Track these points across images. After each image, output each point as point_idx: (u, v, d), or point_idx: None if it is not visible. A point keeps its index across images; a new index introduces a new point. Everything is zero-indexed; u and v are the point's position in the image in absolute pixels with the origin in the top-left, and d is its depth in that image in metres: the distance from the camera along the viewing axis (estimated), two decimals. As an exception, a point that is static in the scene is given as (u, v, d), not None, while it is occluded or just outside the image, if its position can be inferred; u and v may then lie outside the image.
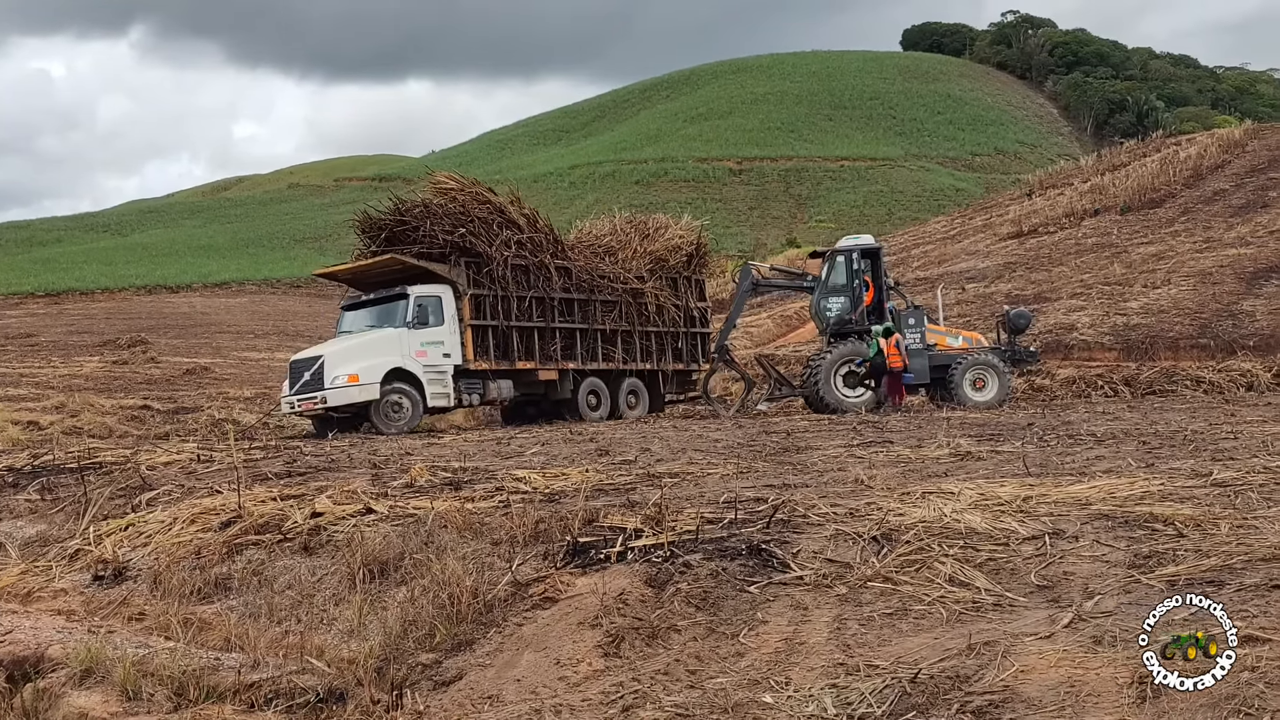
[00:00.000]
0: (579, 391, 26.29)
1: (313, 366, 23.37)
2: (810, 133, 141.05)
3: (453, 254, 24.49)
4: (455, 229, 24.48)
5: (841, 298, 26.81)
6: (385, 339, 23.81)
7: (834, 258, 27.31)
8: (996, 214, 76.38)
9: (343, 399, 22.97)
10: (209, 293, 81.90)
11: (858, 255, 26.89)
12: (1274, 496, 8.75)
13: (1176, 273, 49.14)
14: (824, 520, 8.47)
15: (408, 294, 24.06)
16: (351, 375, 22.90)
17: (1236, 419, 17.31)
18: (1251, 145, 76.70)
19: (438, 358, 24.06)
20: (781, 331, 55.84)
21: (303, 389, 23.33)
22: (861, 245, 27.42)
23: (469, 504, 10.12)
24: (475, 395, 24.62)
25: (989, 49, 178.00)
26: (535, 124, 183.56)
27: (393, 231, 25.18)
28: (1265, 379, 28.92)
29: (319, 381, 23.09)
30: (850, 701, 5.84)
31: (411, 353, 23.72)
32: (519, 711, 6.54)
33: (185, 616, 8.89)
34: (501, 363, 25.00)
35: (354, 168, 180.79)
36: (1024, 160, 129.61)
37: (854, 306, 26.48)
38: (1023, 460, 11.78)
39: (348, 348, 23.73)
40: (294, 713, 7.17)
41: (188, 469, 14.50)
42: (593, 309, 26.77)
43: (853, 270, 26.73)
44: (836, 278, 27.03)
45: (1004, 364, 26.50)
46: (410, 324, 23.81)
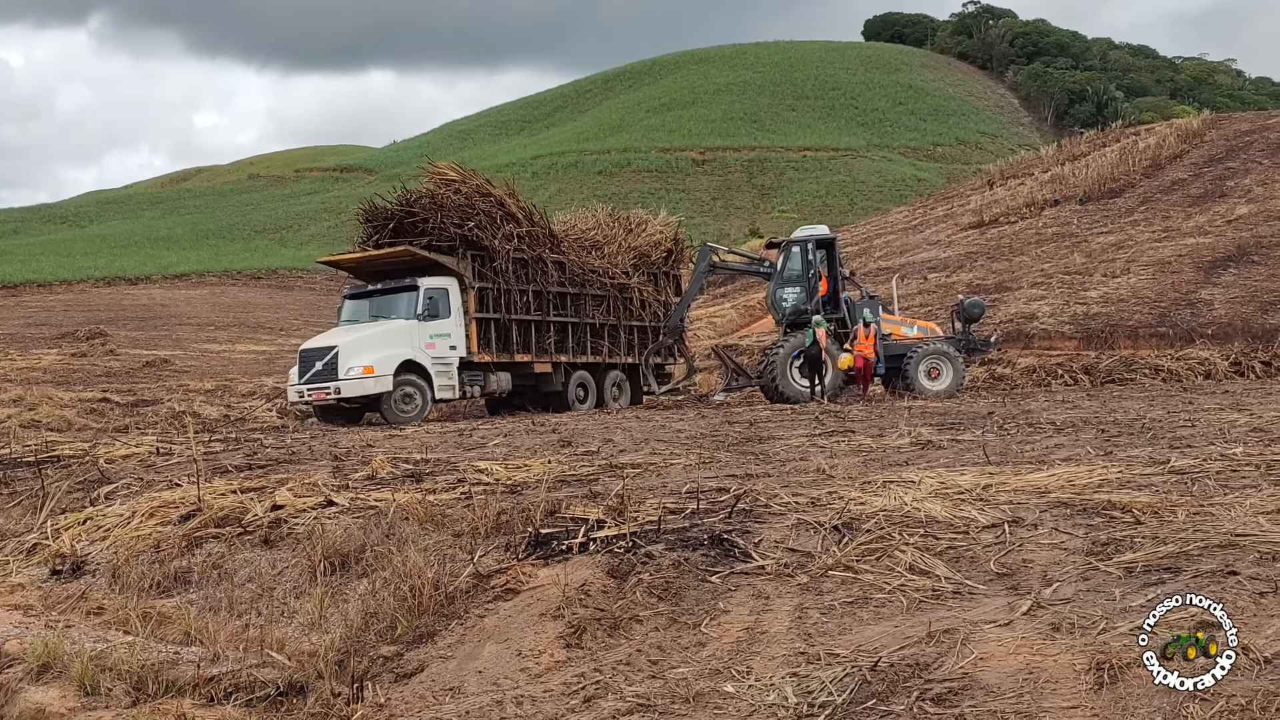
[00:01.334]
0: (569, 384, 26.69)
1: (325, 356, 23.33)
2: (773, 123, 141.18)
3: (460, 247, 24.68)
4: (464, 222, 24.70)
5: (797, 288, 26.88)
6: (397, 330, 23.86)
7: (789, 248, 27.36)
8: (958, 204, 76.68)
9: (358, 390, 23.05)
10: (168, 284, 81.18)
11: (813, 245, 26.95)
12: (1230, 484, 8.84)
13: (1136, 262, 49.49)
14: (786, 510, 8.50)
15: (418, 286, 24.16)
16: (367, 367, 22.97)
17: (1194, 407, 17.47)
18: (1210, 135, 77.28)
19: (445, 350, 24.26)
20: (745, 321, 55.89)
21: (314, 378, 23.29)
22: (817, 235, 27.50)
23: (431, 496, 10.10)
24: (477, 387, 24.88)
25: (950, 39, 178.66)
26: (498, 114, 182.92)
27: (400, 223, 25.29)
28: (1223, 367, 29.21)
29: (332, 371, 23.09)
30: (811, 690, 5.86)
31: (421, 345, 23.89)
32: (480, 703, 6.53)
33: (144, 610, 8.83)
34: (502, 355, 25.29)
35: (315, 158, 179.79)
36: (985, 150, 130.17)
37: (809, 297, 26.55)
38: (983, 449, 11.85)
39: (362, 338, 23.67)
40: (254, 706, 7.13)
41: (147, 462, 14.39)
42: (584, 303, 27.27)
43: (808, 260, 26.79)
44: (792, 268, 27.10)
45: (958, 353, 26.67)
46: (421, 316, 23.94)
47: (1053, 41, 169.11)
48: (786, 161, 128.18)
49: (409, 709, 6.72)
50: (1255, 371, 28.95)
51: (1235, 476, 9.16)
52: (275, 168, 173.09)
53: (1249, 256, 48.96)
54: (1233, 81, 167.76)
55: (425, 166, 27.00)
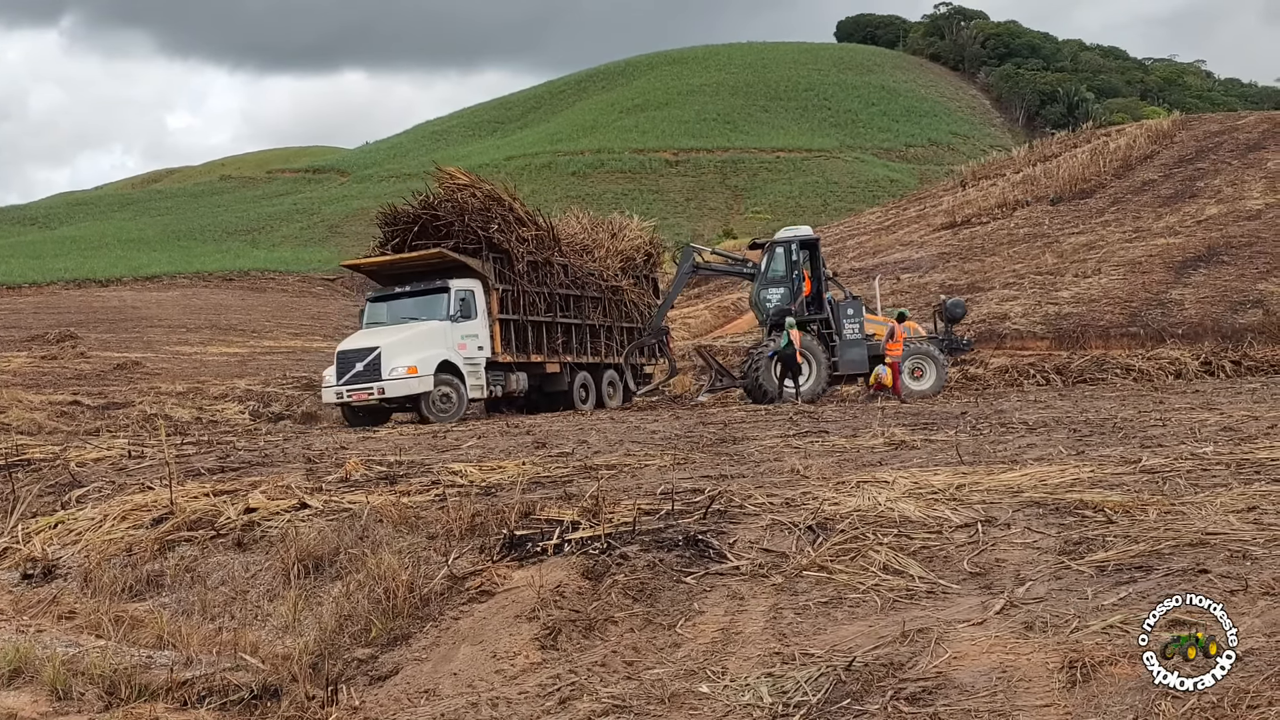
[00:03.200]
0: (574, 383, 27.19)
1: (367, 357, 23.47)
2: (746, 124, 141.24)
3: (484, 249, 25.07)
4: (488, 224, 25.19)
5: (781, 288, 26.90)
6: (434, 331, 24.15)
7: (773, 249, 27.38)
8: (930, 205, 76.94)
9: (402, 390, 23.28)
10: (139, 286, 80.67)
11: (796, 246, 27.00)
12: (1201, 483, 8.90)
13: (1107, 262, 49.78)
14: (760, 510, 8.51)
15: (449, 287, 24.46)
16: (411, 367, 23.23)
17: (1165, 406, 17.58)
18: (1180, 136, 77.76)
19: (474, 350, 24.66)
20: (720, 322, 55.95)
21: (355, 379, 23.44)
22: (800, 236, 27.54)
23: (404, 498, 10.07)
24: (499, 387, 25.29)
25: (922, 41, 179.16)
26: (471, 115, 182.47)
27: (424, 226, 25.61)
28: (1193, 367, 29.40)
29: (375, 372, 23.27)
30: (786, 690, 5.87)
31: (454, 345, 24.24)
32: (456, 705, 6.52)
33: (116, 614, 8.78)
34: (520, 355, 25.74)
35: (287, 159, 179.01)
36: (957, 151, 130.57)
37: (793, 297, 26.59)
38: (956, 449, 11.90)
39: (404, 339, 23.87)
40: (228, 710, 7.10)
41: (118, 465, 14.31)
42: (584, 304, 27.93)
43: (791, 261, 26.84)
44: (776, 268, 27.12)
45: (940, 353, 26.75)
46: (454, 317, 24.29)
47: (1024, 43, 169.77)
48: (760, 162, 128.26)
49: (384, 711, 6.71)
50: (1225, 371, 29.14)
51: (1206, 475, 9.23)
52: (247, 169, 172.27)
53: (1219, 257, 49.30)
54: (1202, 83, 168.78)
55: (435, 171, 27.40)
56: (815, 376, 25.73)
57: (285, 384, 34.25)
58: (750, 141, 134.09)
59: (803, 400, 24.62)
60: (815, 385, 25.67)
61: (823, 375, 25.86)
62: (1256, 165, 66.73)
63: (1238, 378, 27.97)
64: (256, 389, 32.35)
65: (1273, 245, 50.40)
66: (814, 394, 25.47)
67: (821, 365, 25.85)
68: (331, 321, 65.48)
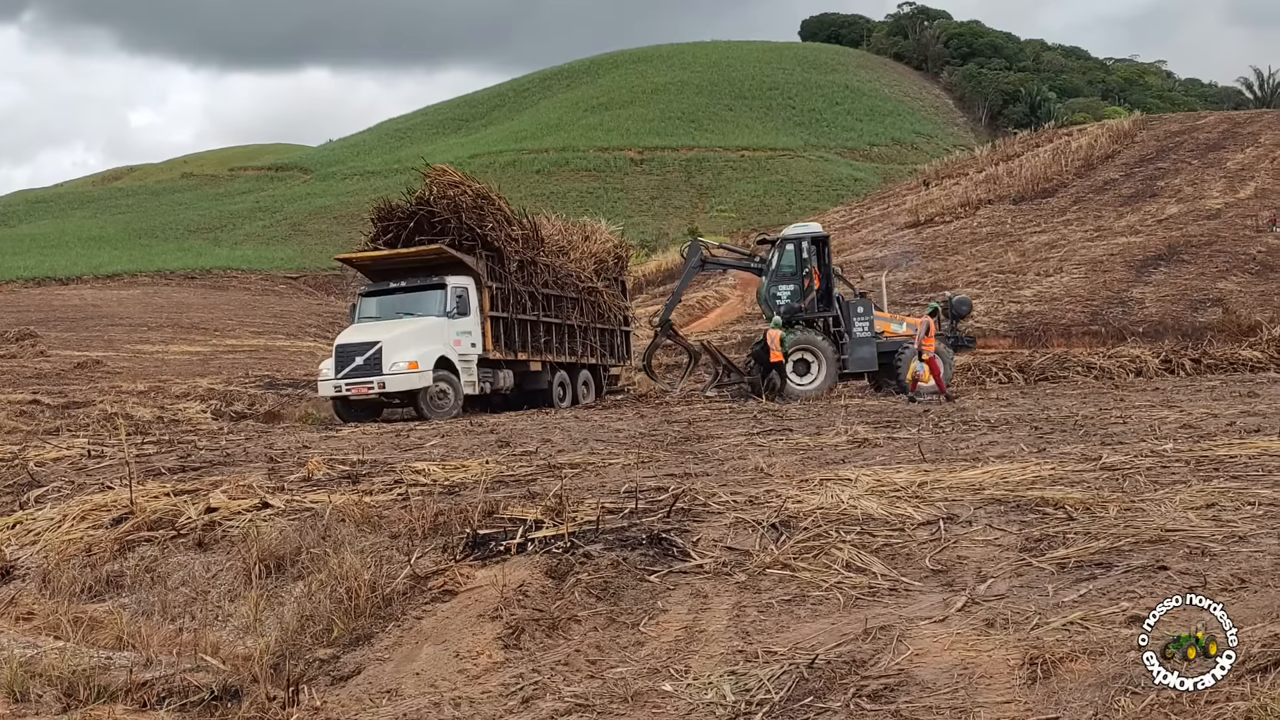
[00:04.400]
0: (554, 382, 27.44)
1: (367, 352, 23.53)
2: (711, 123, 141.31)
3: (477, 246, 25.23)
4: (482, 222, 25.39)
5: (791, 285, 26.80)
6: (432, 327, 24.25)
7: (783, 245, 27.24)
8: (894, 204, 77.31)
9: (403, 385, 23.43)
10: (100, 284, 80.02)
11: (807, 243, 26.97)
12: (1161, 480, 8.97)
13: (1068, 261, 50.17)
14: (724, 508, 8.52)
15: (446, 284, 24.57)
16: (412, 362, 23.37)
17: (1125, 404, 17.73)
18: (1140, 136, 78.43)
19: (467, 347, 24.82)
20: (684, 321, 55.96)
21: (354, 373, 23.52)
22: (810, 233, 27.51)
23: (367, 497, 10.03)
24: (488, 384, 25.46)
25: (886, 40, 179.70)
26: (435, 113, 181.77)
27: (420, 222, 25.70)
28: (1153, 365, 29.60)
29: (376, 366, 23.37)
30: (749, 688, 5.88)
31: (450, 341, 24.39)
32: (418, 705, 6.49)
33: (75, 615, 8.69)
34: (508, 353, 25.94)
35: (249, 157, 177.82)
36: (920, 150, 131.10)
37: (804, 294, 26.54)
38: (918, 446, 11.95)
39: (403, 334, 23.98)
40: (187, 711, 7.04)
41: (78, 465, 14.20)
42: (565, 304, 28.15)
43: (802, 258, 26.79)
44: (785, 265, 27.02)
45: (947, 349, 26.73)
46: (450, 314, 24.43)
47: (987, 43, 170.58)
48: (724, 161, 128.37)
49: (345, 712, 6.67)
50: (1185, 369, 29.36)
51: (1165, 473, 9.31)
52: (209, 166, 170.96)
53: (1179, 255, 49.77)
54: (1163, 83, 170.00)
55: (425, 169, 27.42)
56: (825, 374, 25.73)
57: (248, 383, 34.08)
58: (715, 140, 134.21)
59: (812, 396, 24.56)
60: (825, 382, 25.69)
61: (832, 373, 25.86)
62: (1216, 165, 67.42)
63: (1197, 376, 28.19)
64: (219, 388, 32.15)
65: (1232, 244, 50.95)
66: (823, 391, 25.46)
67: (831, 363, 25.84)
68: (294, 320, 65.18)
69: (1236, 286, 45.12)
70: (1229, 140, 73.51)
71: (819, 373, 25.69)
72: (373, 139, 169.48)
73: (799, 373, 25.84)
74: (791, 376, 25.74)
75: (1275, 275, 46.55)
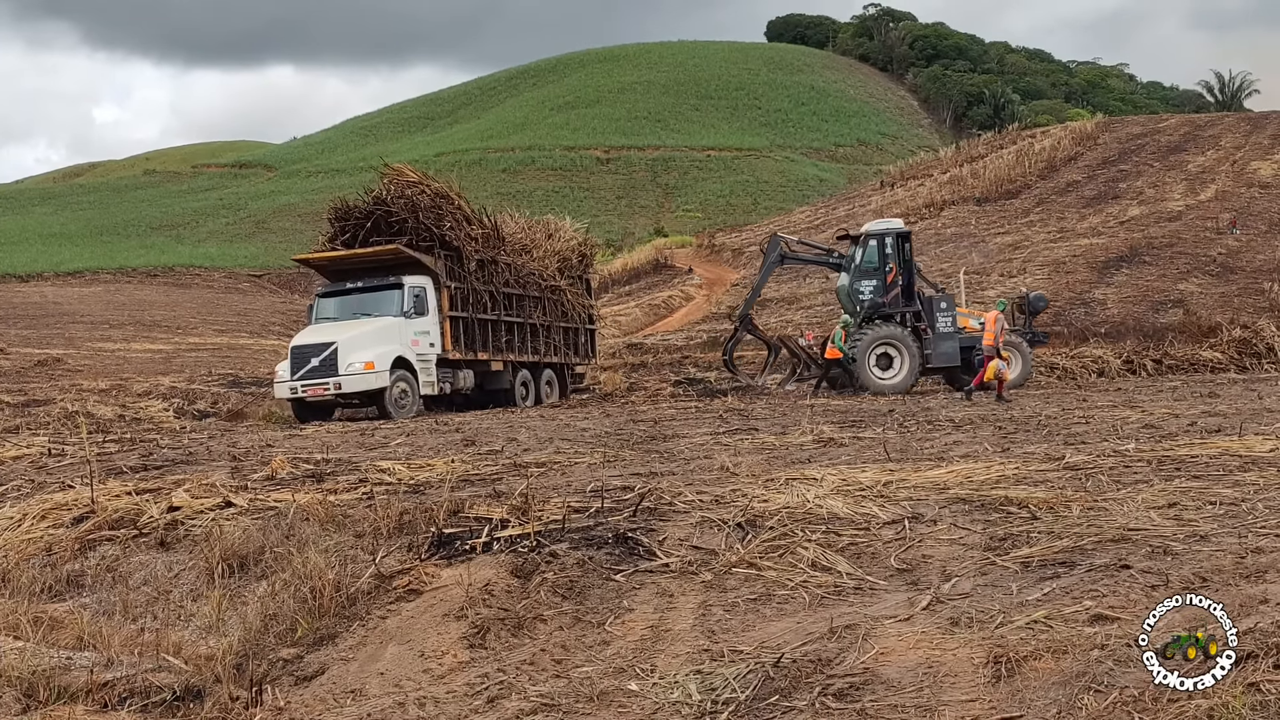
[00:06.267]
0: (516, 381, 27.40)
1: (323, 353, 23.42)
2: (677, 122, 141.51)
3: (435, 246, 25.11)
4: (440, 221, 25.25)
5: (874, 280, 26.74)
6: (388, 327, 24.13)
7: (867, 241, 27.16)
8: (859, 204, 77.57)
9: (360, 385, 23.33)
10: (61, 282, 79.39)
11: (890, 238, 26.98)
12: (1123, 479, 9.04)
13: (1032, 262, 50.50)
14: (690, 507, 8.52)
15: (403, 284, 24.47)
16: (368, 362, 23.25)
17: (1088, 404, 17.86)
18: (1103, 138, 78.98)
19: (426, 347, 24.72)
20: (649, 320, 56.06)
21: (310, 374, 23.40)
22: (894, 229, 27.53)
23: (332, 496, 9.98)
24: (448, 384, 25.33)
25: (851, 41, 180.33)
26: (400, 111, 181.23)
27: (376, 222, 25.52)
28: (1115, 365, 29.85)
29: (332, 367, 23.28)
30: (714, 687, 5.88)
31: (408, 342, 24.27)
32: (382, 705, 6.46)
33: (35, 615, 8.60)
34: (468, 353, 25.82)
35: (213, 154, 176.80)
36: (885, 151, 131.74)
37: (886, 289, 26.54)
38: (883, 446, 12.00)
39: (360, 335, 23.86)
40: (149, 712, 6.98)
41: (38, 463, 14.08)
42: (526, 304, 28.05)
43: (885, 254, 26.77)
44: (869, 260, 26.96)
45: (1026, 344, 26.75)
46: (408, 314, 24.32)
47: (951, 45, 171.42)
48: (690, 161, 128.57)
49: (309, 712, 6.63)
50: (1147, 370, 29.63)
51: (1128, 472, 9.38)
52: (172, 163, 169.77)
53: (1141, 257, 50.17)
54: (1125, 85, 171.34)
55: (383, 168, 27.28)
56: (908, 369, 25.74)
57: (211, 381, 33.88)
58: (681, 140, 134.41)
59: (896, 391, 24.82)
60: (908, 378, 25.72)
61: (915, 368, 25.86)
62: (1177, 167, 67.97)
63: (1159, 376, 28.45)
64: (181, 386, 31.96)
65: (1193, 246, 51.40)
66: (905, 386, 25.53)
67: (914, 358, 25.81)
68: (258, 318, 64.83)
69: (1197, 288, 45.51)
70: (1190, 143, 74.13)
71: (901, 368, 25.66)
72: (338, 136, 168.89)
73: (881, 367, 25.77)
74: (874, 370, 25.66)
75: (1235, 277, 46.99)
